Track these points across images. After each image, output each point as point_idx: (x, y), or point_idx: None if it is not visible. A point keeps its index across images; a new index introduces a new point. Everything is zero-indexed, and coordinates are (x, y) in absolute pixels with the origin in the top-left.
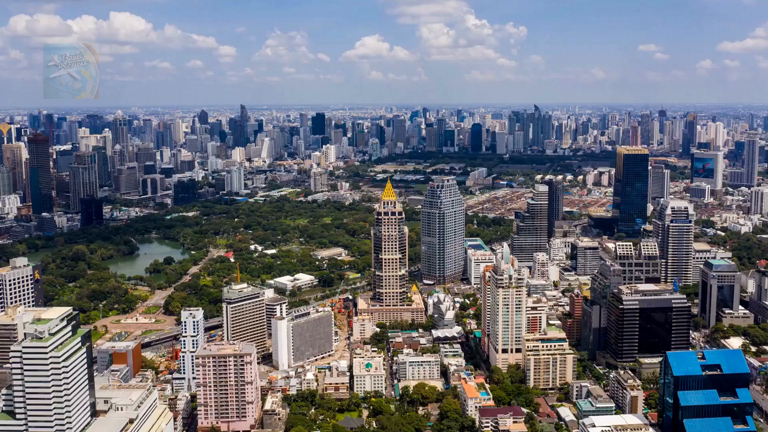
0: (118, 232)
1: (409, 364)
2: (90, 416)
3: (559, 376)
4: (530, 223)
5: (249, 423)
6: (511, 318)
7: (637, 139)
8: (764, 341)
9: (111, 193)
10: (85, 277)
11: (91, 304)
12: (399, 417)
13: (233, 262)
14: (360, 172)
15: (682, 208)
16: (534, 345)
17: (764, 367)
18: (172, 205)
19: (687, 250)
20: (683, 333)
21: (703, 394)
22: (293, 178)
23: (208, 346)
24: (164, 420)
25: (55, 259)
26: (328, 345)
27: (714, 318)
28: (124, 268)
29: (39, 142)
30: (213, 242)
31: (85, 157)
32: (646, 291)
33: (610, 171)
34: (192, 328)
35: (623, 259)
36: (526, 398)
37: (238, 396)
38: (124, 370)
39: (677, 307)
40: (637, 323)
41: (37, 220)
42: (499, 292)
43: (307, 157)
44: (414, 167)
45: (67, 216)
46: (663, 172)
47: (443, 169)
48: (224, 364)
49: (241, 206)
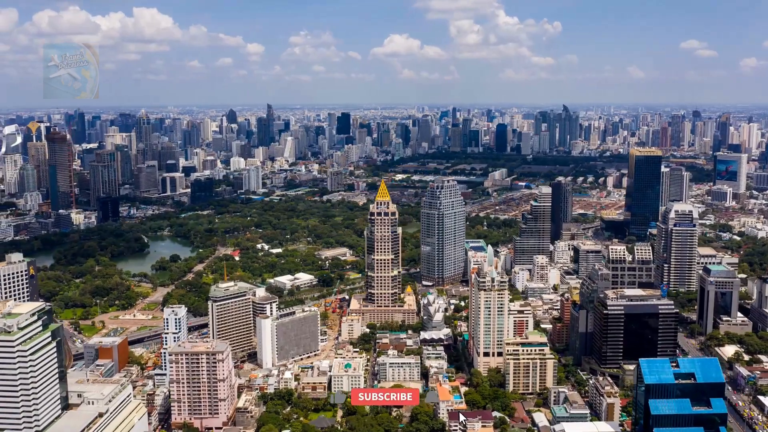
0: (132, 229)
1: (389, 366)
2: (61, 409)
3: (539, 381)
4: (533, 225)
5: (221, 420)
6: (493, 321)
7: (667, 141)
8: (760, 350)
9: (131, 191)
10: (92, 274)
11: (92, 300)
12: (370, 418)
13: (237, 261)
14: (380, 172)
15: (686, 211)
16: (514, 349)
17: (753, 377)
18: (189, 204)
19: (690, 255)
20: (670, 340)
21: (676, 403)
22: (312, 178)
23: (182, 344)
24: (137, 415)
25: (66, 255)
26: (314, 344)
27: (711, 325)
28: (132, 265)
29: (57, 141)
30: (222, 241)
31: (104, 156)
32: (632, 296)
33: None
34: (174, 325)
35: (616, 263)
36: (502, 402)
37: (211, 393)
38: (109, 365)
39: (664, 313)
40: (621, 329)
41: (55, 217)
42: (481, 294)
43: (329, 157)
44: (435, 167)
45: (85, 213)
46: (682, 175)
47: (464, 170)
48: (197, 361)
49: (255, 205)
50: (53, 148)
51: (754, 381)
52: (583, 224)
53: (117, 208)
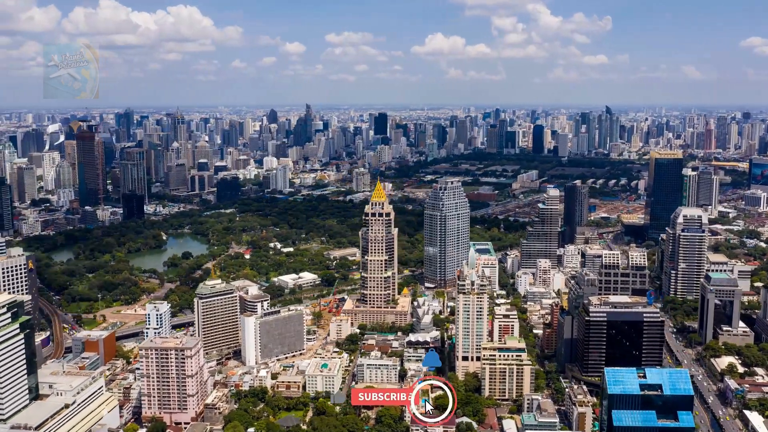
0: (154, 226)
1: (367, 367)
2: (29, 399)
3: (516, 388)
4: (540, 228)
5: (190, 415)
6: (472, 325)
7: (711, 143)
8: (757, 362)
9: (161, 189)
10: (104, 269)
11: (99, 294)
12: (334, 419)
13: (247, 259)
14: (411, 172)
15: (695, 216)
16: (491, 354)
17: (741, 390)
18: (214, 202)
19: (699, 262)
20: (655, 349)
21: (640, 415)
22: (342, 178)
23: (153, 339)
24: (107, 407)
25: (84, 250)
26: (299, 344)
27: (710, 335)
28: (147, 261)
29: (85, 139)
30: (237, 239)
31: (133, 154)
32: (617, 303)
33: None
34: (155, 320)
35: (609, 268)
36: (474, 408)
37: (180, 388)
38: (94, 358)
39: (649, 321)
40: (604, 336)
41: (81, 213)
42: (460, 297)
43: (362, 157)
44: (467, 169)
45: (111, 210)
46: (711, 178)
47: (495, 171)
48: (166, 357)
49: (279, 204)
50: (82, 146)
51: (742, 395)
52: (605, 228)
53: (142, 205)
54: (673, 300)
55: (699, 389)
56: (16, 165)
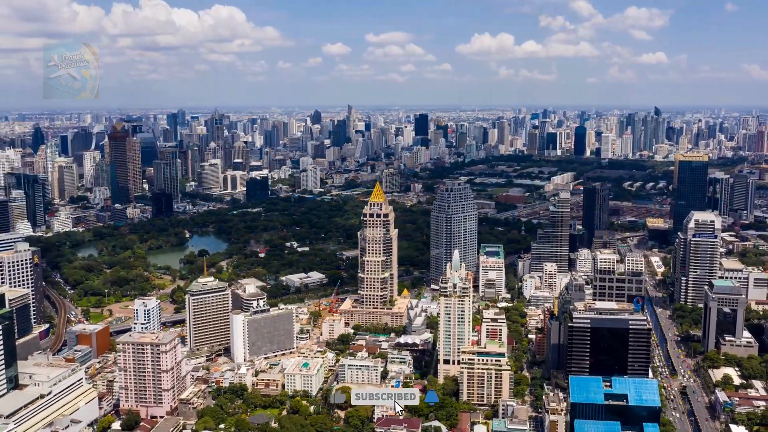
0: (180, 224)
1: (348, 367)
2: (8, 389)
3: (495, 393)
4: (550, 231)
5: (165, 409)
6: (453, 328)
7: (762, 145)
8: (756, 374)
9: (194, 188)
10: (121, 264)
11: (110, 289)
12: (302, 418)
13: (260, 258)
14: (445, 173)
15: (707, 221)
16: (469, 358)
17: (729, 404)
18: (244, 201)
19: (711, 269)
20: (641, 357)
21: (604, 426)
22: (374, 178)
23: (132, 334)
24: (85, 399)
25: (107, 246)
26: (289, 342)
27: (712, 344)
28: (166, 258)
29: (118, 138)
30: (257, 238)
31: (167, 154)
32: (602, 309)
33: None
34: (143, 316)
35: (604, 273)
36: (448, 412)
37: (155, 383)
38: (86, 351)
39: (635, 329)
40: (587, 343)
41: (111, 210)
42: (441, 300)
43: (398, 158)
44: (503, 170)
45: (142, 208)
46: (747, 182)
47: (531, 173)
48: (142, 352)
49: (305, 204)
50: (114, 145)
51: (731, 408)
52: (631, 232)
53: (171, 203)
54: (682, 307)
55: (689, 401)
56: (57, 164)
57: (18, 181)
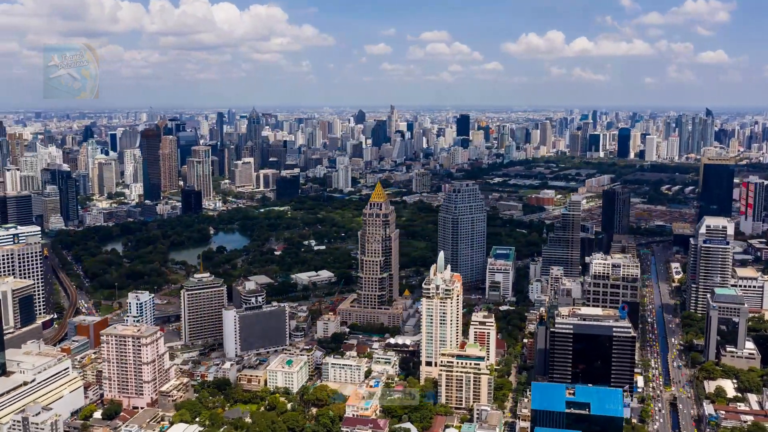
0: (206, 221)
1: (331, 366)
2: None
3: (473, 397)
4: (561, 235)
5: (146, 401)
6: (435, 330)
7: None
8: (753, 387)
9: (228, 186)
10: (140, 259)
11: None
12: (275, 415)
13: (276, 255)
14: (481, 174)
15: (719, 227)
16: (448, 361)
17: (714, 417)
18: (274, 200)
19: (723, 276)
20: (625, 366)
21: None
22: (409, 178)
23: (117, 326)
24: (70, 387)
25: (132, 241)
26: (281, 339)
27: (713, 355)
28: (186, 254)
29: (150, 137)
30: (278, 236)
31: (200, 152)
32: (586, 315)
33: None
34: (135, 309)
35: (598, 278)
36: (423, 414)
37: (136, 374)
38: (83, 342)
39: (619, 336)
40: (570, 349)
41: (141, 207)
42: (423, 302)
43: (437, 158)
44: (539, 172)
45: (172, 204)
46: None
47: (567, 175)
48: (124, 344)
49: (333, 203)
50: (146, 144)
51: (716, 421)
52: (659, 237)
53: (200, 200)
54: (690, 316)
55: (677, 413)
56: (97, 160)
57: (53, 176)
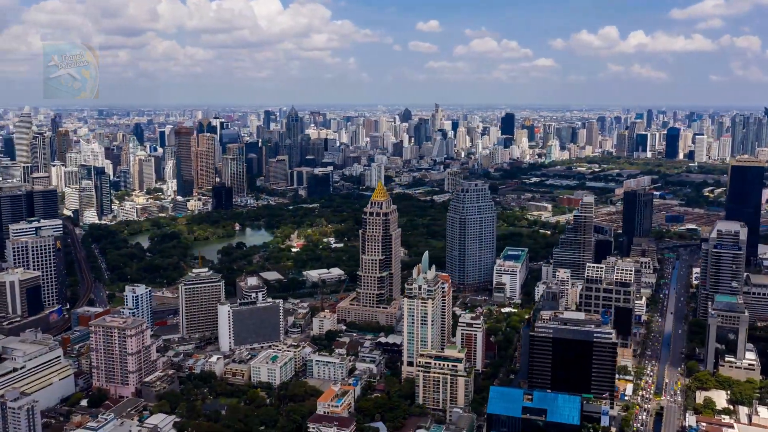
0: (234, 217)
1: (315, 363)
2: None
3: (450, 398)
4: (572, 237)
5: (131, 390)
6: (416, 330)
7: None
8: (746, 400)
9: (263, 183)
10: (161, 253)
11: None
12: (251, 409)
13: (293, 252)
14: (519, 174)
15: (731, 231)
16: (426, 362)
17: (694, 429)
18: (305, 197)
19: (735, 281)
20: (606, 372)
21: None
22: (443, 177)
23: (105, 317)
24: (60, 375)
25: (158, 235)
26: (275, 334)
27: (711, 364)
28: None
29: (182, 135)
30: (301, 233)
31: (234, 150)
32: (567, 320)
33: None
34: (132, 302)
35: (591, 282)
36: (396, 414)
37: (122, 364)
38: (83, 332)
39: (599, 342)
40: (549, 354)
41: (173, 202)
42: (405, 302)
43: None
44: (580, 172)
45: (203, 200)
46: None
47: (609, 176)
48: (110, 335)
49: (361, 201)
50: (179, 141)
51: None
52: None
53: (230, 197)
54: (698, 323)
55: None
56: (138, 157)
57: (89, 173)
